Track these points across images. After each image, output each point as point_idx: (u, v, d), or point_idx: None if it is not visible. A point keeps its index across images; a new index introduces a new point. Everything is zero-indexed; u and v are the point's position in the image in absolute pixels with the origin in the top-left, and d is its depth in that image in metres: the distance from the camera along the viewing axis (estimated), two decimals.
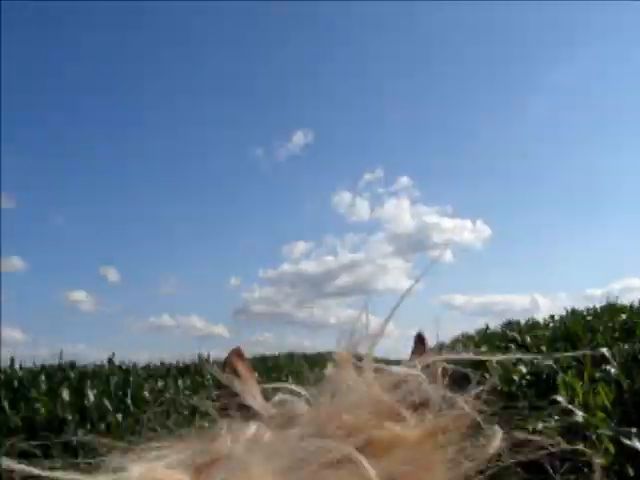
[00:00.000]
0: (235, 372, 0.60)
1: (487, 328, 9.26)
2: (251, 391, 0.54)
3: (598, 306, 7.77)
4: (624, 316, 6.09)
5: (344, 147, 78.45)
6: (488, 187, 79.09)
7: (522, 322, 9.24)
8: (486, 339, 7.38)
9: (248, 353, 0.67)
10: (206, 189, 74.74)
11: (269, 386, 0.54)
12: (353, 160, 79.98)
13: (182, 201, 72.20)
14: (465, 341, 9.92)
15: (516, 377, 4.42)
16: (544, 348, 5.78)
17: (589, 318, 7.03)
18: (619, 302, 7.44)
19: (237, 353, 0.65)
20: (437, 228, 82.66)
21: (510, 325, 8.48)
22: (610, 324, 5.85)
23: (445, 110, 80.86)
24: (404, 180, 77.44)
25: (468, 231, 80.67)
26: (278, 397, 0.50)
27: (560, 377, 3.60)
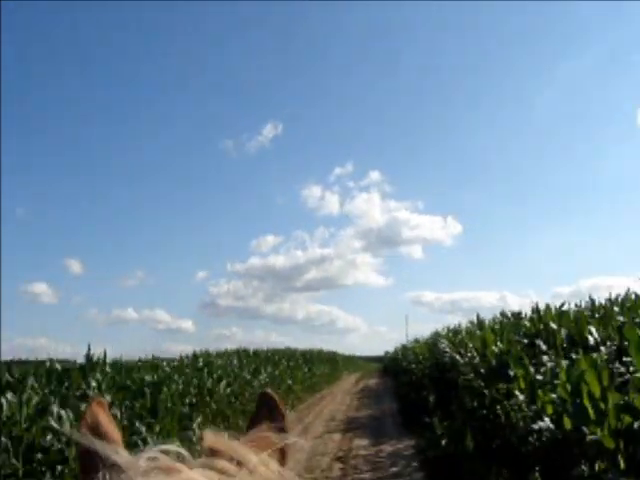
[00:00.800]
0: (97, 426, 0.57)
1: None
2: (115, 447, 0.52)
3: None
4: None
5: (314, 140, 77.95)
6: (460, 183, 79.79)
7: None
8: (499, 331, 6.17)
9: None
10: (174, 181, 73.26)
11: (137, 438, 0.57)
12: (323, 153, 79.72)
13: (149, 193, 70.69)
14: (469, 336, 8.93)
15: None
16: None
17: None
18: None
19: (99, 403, 0.61)
20: (407, 224, 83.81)
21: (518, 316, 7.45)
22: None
23: (419, 105, 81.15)
24: (375, 175, 77.54)
25: (438, 227, 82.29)
26: (147, 452, 0.47)
27: None
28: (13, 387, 5.24)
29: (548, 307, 5.66)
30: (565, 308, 6.14)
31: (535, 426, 3.96)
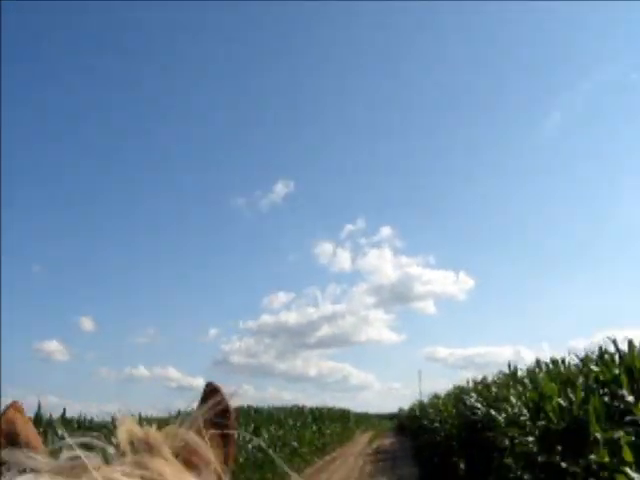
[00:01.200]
0: (13, 432, 0.53)
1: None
2: (32, 451, 0.46)
3: None
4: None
5: (325, 197, 77.98)
6: (470, 237, 78.86)
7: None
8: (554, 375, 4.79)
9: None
10: (187, 239, 73.07)
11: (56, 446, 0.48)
12: (334, 210, 79.75)
13: (162, 250, 70.29)
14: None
15: None
16: None
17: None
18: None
19: (15, 407, 0.57)
20: (419, 279, 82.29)
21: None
22: None
23: (429, 159, 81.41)
24: (386, 230, 76.64)
25: (451, 282, 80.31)
26: (67, 454, 0.43)
27: None
28: None
29: (631, 344, 4.34)
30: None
31: None
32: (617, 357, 4.82)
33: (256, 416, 15.24)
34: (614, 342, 4.90)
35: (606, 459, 3.27)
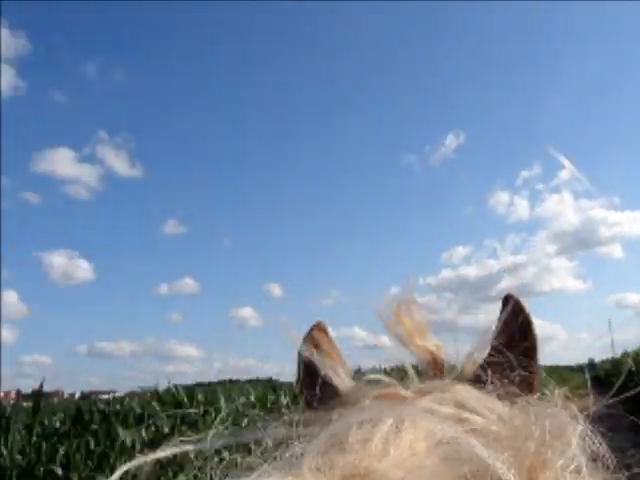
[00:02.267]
0: (318, 348, 0.54)
1: None
2: (336, 368, 0.49)
3: None
4: None
5: (498, 144, 74.21)
6: None
7: None
8: None
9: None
10: (363, 200, 76.06)
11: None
12: (509, 157, 75.22)
13: (341, 215, 74.52)
14: None
15: None
16: None
17: None
18: None
19: (319, 327, 0.59)
20: (604, 222, 74.63)
21: None
22: None
23: (603, 94, 71.83)
24: (564, 174, 71.11)
25: (639, 223, 71.92)
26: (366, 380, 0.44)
27: None
28: None
29: None
30: None
31: None
32: None
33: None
34: None
35: None
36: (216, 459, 0.40)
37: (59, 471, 5.00)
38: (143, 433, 6.24)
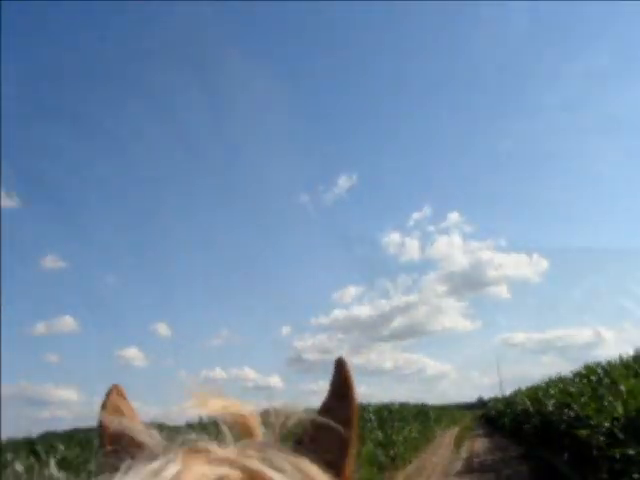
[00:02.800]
0: (119, 413, 0.54)
1: None
2: (142, 429, 0.49)
3: None
4: None
5: (390, 186, 75.18)
6: (542, 217, 73.25)
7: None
8: None
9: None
10: (255, 238, 73.33)
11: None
12: (400, 199, 76.70)
13: (231, 251, 71.02)
14: None
15: None
16: None
17: None
18: None
19: (118, 392, 0.57)
20: (491, 264, 77.42)
21: None
22: None
23: (494, 141, 76.51)
24: (454, 216, 72.72)
25: (524, 265, 74.81)
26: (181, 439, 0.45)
27: None
28: None
29: None
30: None
31: None
32: None
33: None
34: None
35: None
36: None
37: None
38: None
